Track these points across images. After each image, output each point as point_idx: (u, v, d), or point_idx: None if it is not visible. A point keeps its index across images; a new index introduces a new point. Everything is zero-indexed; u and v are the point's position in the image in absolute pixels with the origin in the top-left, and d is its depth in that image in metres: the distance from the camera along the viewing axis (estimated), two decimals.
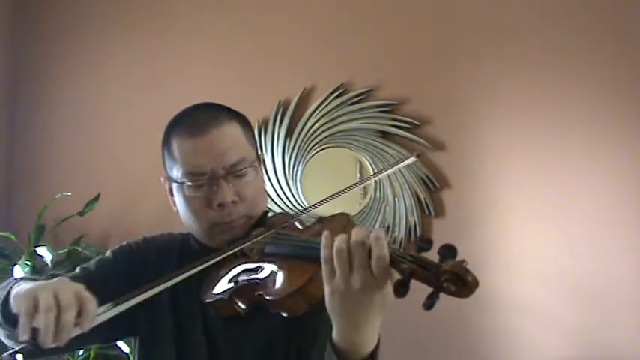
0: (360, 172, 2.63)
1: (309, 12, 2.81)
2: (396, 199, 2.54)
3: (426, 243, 0.91)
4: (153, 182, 3.17)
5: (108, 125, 3.15)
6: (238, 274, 1.17)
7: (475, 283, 0.85)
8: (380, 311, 0.95)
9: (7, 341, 1.15)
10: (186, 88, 2.95)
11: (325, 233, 0.95)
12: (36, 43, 3.35)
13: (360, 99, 2.63)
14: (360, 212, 2.59)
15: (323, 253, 0.94)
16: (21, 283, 1.10)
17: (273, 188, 2.73)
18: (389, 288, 0.92)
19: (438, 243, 0.92)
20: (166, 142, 1.28)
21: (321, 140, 2.69)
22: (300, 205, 2.68)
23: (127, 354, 2.57)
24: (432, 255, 0.90)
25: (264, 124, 2.78)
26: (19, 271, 2.67)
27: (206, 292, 1.21)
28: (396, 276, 0.91)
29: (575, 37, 2.36)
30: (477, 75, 2.49)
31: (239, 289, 1.15)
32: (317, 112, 2.69)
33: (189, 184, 1.22)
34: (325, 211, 1.33)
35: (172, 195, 1.30)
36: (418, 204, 2.51)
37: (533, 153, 2.40)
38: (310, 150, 2.70)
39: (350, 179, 2.62)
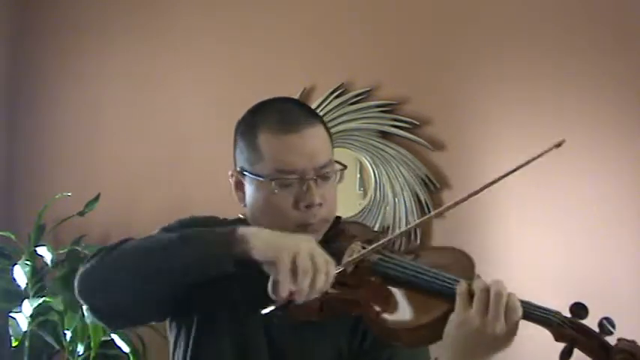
0: (360, 172, 2.63)
1: (309, 12, 2.80)
2: (396, 199, 2.54)
3: (581, 309, 0.98)
4: (153, 182, 3.19)
5: (108, 125, 3.15)
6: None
7: None
8: (490, 356, 1.02)
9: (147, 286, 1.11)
10: (186, 88, 2.96)
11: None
12: (36, 44, 3.35)
13: (360, 99, 2.63)
14: (360, 212, 2.59)
15: (462, 288, 1.02)
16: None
17: None
18: (507, 341, 1.00)
19: (437, 243, 0.93)
20: (249, 133, 1.23)
21: None
22: None
23: (126, 354, 2.57)
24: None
25: None
26: (18, 271, 2.67)
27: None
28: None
29: (575, 37, 2.36)
30: (477, 75, 2.49)
31: (332, 300, 1.08)
32: (317, 112, 2.69)
33: (279, 182, 1.17)
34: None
35: (241, 190, 1.25)
36: (418, 204, 2.51)
37: (534, 153, 2.39)
38: None
39: (350, 179, 2.63)
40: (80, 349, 2.59)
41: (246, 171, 1.22)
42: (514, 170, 1.15)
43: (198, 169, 2.87)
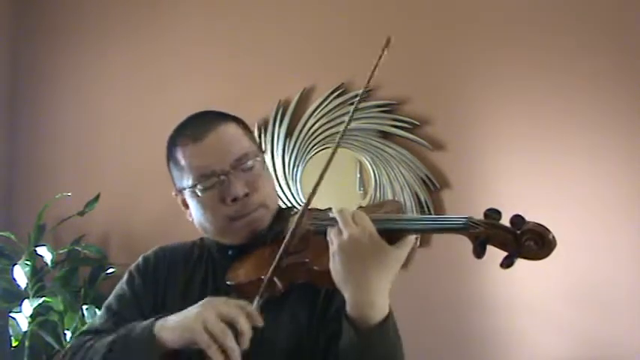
0: (360, 172, 2.63)
1: (309, 12, 2.81)
2: (396, 199, 2.54)
3: (494, 212, 1.01)
4: (153, 183, 3.18)
5: (108, 126, 3.16)
6: (280, 257, 1.17)
7: (555, 242, 0.95)
8: (383, 271, 1.05)
9: None
10: (186, 89, 2.96)
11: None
12: (37, 44, 3.36)
13: (360, 99, 2.63)
14: None
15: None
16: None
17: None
18: (391, 250, 1.05)
19: (438, 243, 0.94)
20: (171, 156, 1.33)
21: (321, 140, 2.69)
22: (301, 206, 2.67)
23: None
24: None
25: (264, 124, 2.78)
26: (18, 271, 2.67)
27: (234, 275, 1.23)
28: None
29: (575, 38, 2.36)
30: (477, 75, 2.49)
31: (283, 270, 1.16)
32: (317, 112, 2.69)
33: (201, 186, 1.25)
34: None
35: (187, 207, 1.33)
36: (418, 204, 2.51)
37: (533, 153, 2.40)
38: (310, 150, 2.70)
39: (350, 179, 2.63)
40: None
41: (181, 188, 1.30)
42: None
43: None
